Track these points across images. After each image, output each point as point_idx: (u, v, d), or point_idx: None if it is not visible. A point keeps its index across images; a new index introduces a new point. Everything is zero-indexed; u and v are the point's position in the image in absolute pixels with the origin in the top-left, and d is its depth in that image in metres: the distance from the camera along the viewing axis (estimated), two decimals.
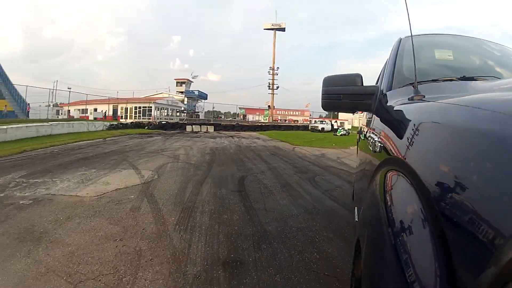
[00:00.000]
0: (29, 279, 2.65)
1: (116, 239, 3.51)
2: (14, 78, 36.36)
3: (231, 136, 23.13)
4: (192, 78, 62.90)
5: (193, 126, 32.61)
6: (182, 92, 58.48)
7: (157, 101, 45.63)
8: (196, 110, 57.80)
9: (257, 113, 63.90)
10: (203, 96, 60.55)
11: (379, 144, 1.37)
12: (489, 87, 1.21)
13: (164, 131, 27.85)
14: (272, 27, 32.36)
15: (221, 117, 62.62)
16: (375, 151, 1.47)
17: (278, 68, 55.14)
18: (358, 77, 1.80)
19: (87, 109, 40.74)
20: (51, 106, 36.82)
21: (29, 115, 31.19)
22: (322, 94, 1.84)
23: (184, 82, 59.90)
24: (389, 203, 0.82)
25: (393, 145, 1.10)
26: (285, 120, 58.43)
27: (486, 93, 1.06)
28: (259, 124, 39.36)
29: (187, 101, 57.55)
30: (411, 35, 1.64)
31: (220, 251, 3.31)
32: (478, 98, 0.89)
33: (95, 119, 35.02)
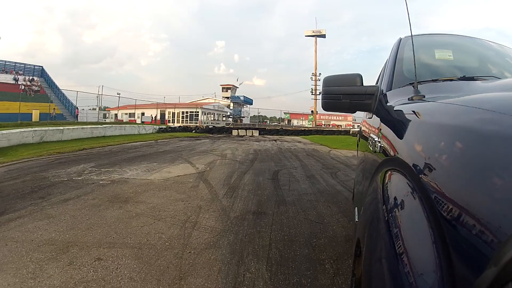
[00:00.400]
0: (124, 218, 4.23)
1: (183, 201, 5.14)
2: (57, 83, 39.29)
3: (274, 140, 24.25)
4: (238, 84, 65.42)
5: (239, 130, 33.76)
6: (227, 98, 60.85)
7: (203, 106, 48.06)
8: (242, 115, 59.92)
9: (302, 118, 65.00)
10: (248, 101, 62.66)
11: (379, 144, 1.38)
12: (489, 87, 1.22)
13: (211, 135, 29.25)
14: (313, 34, 33.13)
15: (266, 121, 64.04)
16: (375, 151, 1.48)
17: (320, 74, 55.70)
18: (358, 77, 1.85)
19: (134, 113, 43.38)
20: (97, 109, 39.26)
21: (78, 118, 33.06)
22: (322, 94, 1.90)
23: (229, 88, 62.23)
24: (389, 203, 0.83)
25: (393, 145, 1.11)
26: (329, 125, 59.03)
27: (486, 93, 1.07)
28: (303, 129, 40.01)
29: (233, 106, 59.87)
30: (411, 35, 1.66)
31: (252, 207, 4.86)
32: (478, 98, 0.91)
33: (142, 122, 36.50)
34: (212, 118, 49.43)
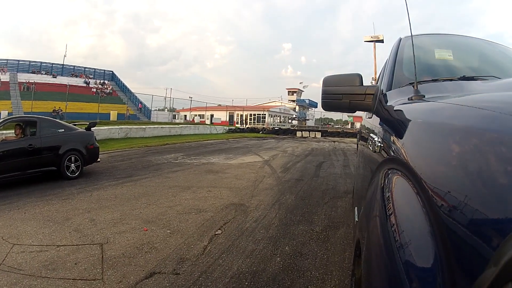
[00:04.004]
0: (219, 178, 7.09)
1: (254, 173, 7.97)
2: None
3: (333, 141, 25.66)
4: (303, 87, 66.95)
5: (303, 132, 34.95)
6: (293, 101, 62.42)
7: (270, 109, 50.06)
8: (307, 118, 61.34)
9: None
10: (313, 104, 63.73)
11: (379, 144, 1.39)
12: (489, 87, 1.21)
13: (276, 136, 30.88)
14: (371, 39, 33.24)
15: (330, 124, 64.41)
16: (375, 151, 1.48)
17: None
18: (358, 77, 1.85)
19: (204, 114, 45.15)
20: (166, 110, 40.85)
21: (150, 118, 34.05)
22: (322, 94, 1.90)
23: (295, 92, 63.63)
24: (389, 203, 0.83)
25: (393, 145, 1.12)
26: None
27: (486, 93, 1.07)
28: None
29: (298, 109, 61.59)
30: (411, 35, 1.66)
31: (296, 177, 7.57)
32: (478, 98, 0.92)
33: (212, 123, 37.79)
34: (278, 120, 51.64)
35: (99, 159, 8.09)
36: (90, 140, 7.76)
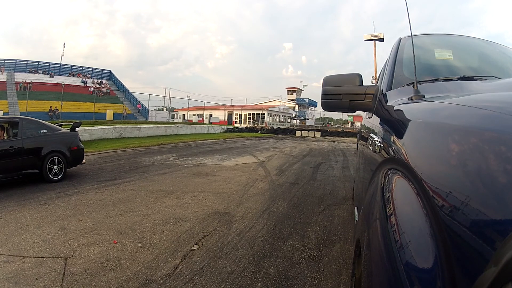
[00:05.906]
0: (207, 182, 6.61)
1: (246, 176, 7.47)
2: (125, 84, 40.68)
3: (333, 141, 25.31)
4: (303, 86, 66.57)
5: (302, 131, 34.58)
6: (293, 100, 62.06)
7: (269, 109, 49.76)
8: (306, 117, 60.85)
9: None
10: (313, 103, 63.47)
11: (379, 144, 1.39)
12: (489, 87, 1.22)
13: (275, 135, 30.41)
14: (372, 38, 32.65)
15: (330, 124, 63.97)
16: (375, 151, 1.48)
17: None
18: (358, 77, 1.86)
19: (203, 114, 45.27)
20: (165, 110, 40.96)
21: (148, 118, 33.90)
22: (322, 94, 1.91)
23: (295, 91, 63.41)
24: (389, 203, 0.83)
25: (393, 145, 1.12)
26: None
27: (486, 93, 1.08)
28: None
29: (298, 108, 61.21)
30: (411, 35, 1.67)
31: (290, 180, 7.06)
32: (478, 98, 0.93)
33: (210, 123, 37.28)
34: (277, 120, 51.27)
35: (84, 161, 7.68)
36: (74, 141, 7.35)
